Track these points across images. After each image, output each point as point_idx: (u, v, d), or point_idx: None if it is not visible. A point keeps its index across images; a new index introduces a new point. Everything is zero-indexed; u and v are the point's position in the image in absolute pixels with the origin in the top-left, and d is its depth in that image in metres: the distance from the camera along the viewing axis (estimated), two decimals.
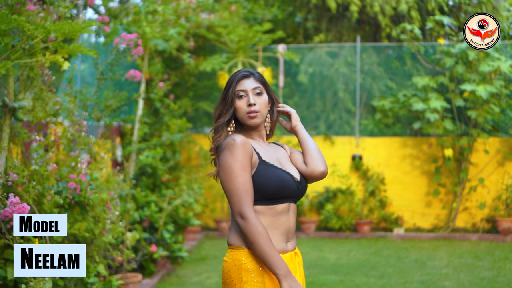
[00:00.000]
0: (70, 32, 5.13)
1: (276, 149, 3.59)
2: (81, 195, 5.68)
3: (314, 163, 3.56)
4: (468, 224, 12.82)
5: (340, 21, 15.51)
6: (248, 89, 3.45)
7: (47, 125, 6.51)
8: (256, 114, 3.44)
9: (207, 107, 13.28)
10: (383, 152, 13.25)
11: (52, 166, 5.60)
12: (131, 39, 7.28)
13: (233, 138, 3.31)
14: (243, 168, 3.27)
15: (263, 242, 3.20)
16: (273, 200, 3.34)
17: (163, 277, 8.82)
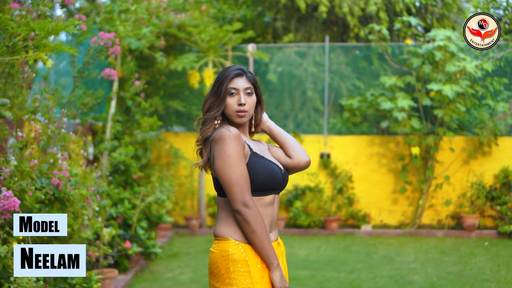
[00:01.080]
0: (53, 30, 5.22)
1: (259, 144, 3.71)
2: (62, 191, 5.77)
3: (298, 154, 3.72)
4: (434, 220, 13.08)
5: (308, 21, 15.69)
6: (240, 88, 3.56)
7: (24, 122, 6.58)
8: (244, 114, 3.55)
9: (177, 105, 13.36)
10: (351, 150, 13.46)
11: (33, 162, 5.69)
12: (109, 38, 7.37)
13: (229, 130, 3.41)
14: (241, 158, 3.39)
15: (263, 233, 3.36)
16: (263, 191, 3.47)
17: (137, 273, 8.92)
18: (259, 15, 16.38)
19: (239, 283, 3.38)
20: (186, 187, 13.23)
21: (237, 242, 3.42)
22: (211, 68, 12.55)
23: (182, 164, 13.29)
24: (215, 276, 3.47)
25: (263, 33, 16.36)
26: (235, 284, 3.38)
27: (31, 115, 6.20)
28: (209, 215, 13.24)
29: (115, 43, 7.52)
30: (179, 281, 8.64)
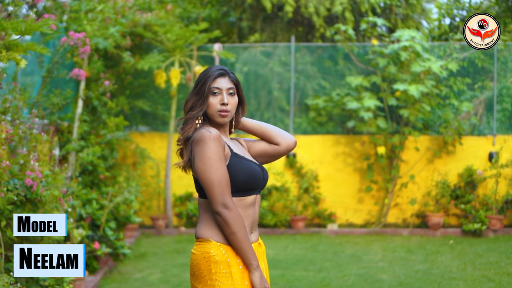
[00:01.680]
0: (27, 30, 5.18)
1: (238, 144, 3.71)
2: (34, 192, 5.72)
3: (284, 139, 3.76)
4: (399, 219, 13.20)
5: (274, 21, 15.73)
6: (223, 88, 3.56)
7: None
8: (227, 114, 3.55)
9: (143, 105, 13.30)
10: (316, 150, 13.51)
11: (5, 163, 5.63)
12: (79, 38, 7.33)
13: (209, 131, 3.42)
14: (221, 160, 3.40)
15: (243, 234, 3.38)
16: (244, 191, 3.48)
17: (105, 274, 8.87)
18: (224, 15, 16.38)
19: (221, 284, 3.39)
20: (153, 187, 13.19)
21: (219, 243, 3.43)
22: (177, 67, 12.53)
23: (148, 164, 13.24)
24: (197, 278, 3.47)
25: (228, 32, 16.37)
26: (217, 285, 3.39)
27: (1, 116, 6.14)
28: (175, 215, 13.21)
29: (85, 43, 7.48)
30: (148, 282, 8.61)
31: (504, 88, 13.37)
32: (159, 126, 14.01)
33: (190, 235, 12.31)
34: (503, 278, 8.53)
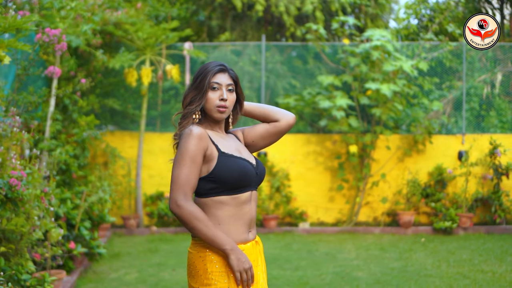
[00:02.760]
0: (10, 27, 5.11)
1: (233, 139, 3.67)
2: (15, 191, 5.64)
3: (282, 115, 3.74)
4: (370, 218, 13.28)
5: (244, 20, 15.74)
6: (223, 84, 3.54)
7: None
8: (225, 110, 3.53)
9: (113, 104, 13.20)
10: (287, 149, 13.53)
11: None
12: (55, 35, 7.25)
13: (190, 129, 3.41)
14: (192, 159, 3.37)
15: (203, 225, 3.33)
16: (237, 189, 3.44)
17: (81, 274, 8.79)
18: (194, 14, 16.34)
19: (217, 283, 3.36)
20: (123, 186, 13.10)
21: None
22: (148, 66, 12.46)
23: (119, 163, 13.15)
24: (193, 277, 3.45)
25: (198, 31, 16.34)
26: (213, 284, 3.36)
27: None
28: (146, 215, 13.13)
29: (61, 39, 7.40)
30: (125, 281, 8.55)
31: (472, 88, 13.54)
32: (129, 125, 13.92)
33: (162, 235, 12.25)
34: (478, 275, 8.61)
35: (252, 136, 3.72)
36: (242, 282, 3.35)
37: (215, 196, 3.43)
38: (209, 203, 3.44)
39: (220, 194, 3.43)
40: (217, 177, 3.41)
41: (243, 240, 3.48)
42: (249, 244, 3.51)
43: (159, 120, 13.96)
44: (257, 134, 3.72)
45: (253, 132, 3.73)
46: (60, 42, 7.36)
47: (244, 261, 3.35)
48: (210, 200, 3.44)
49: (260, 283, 3.49)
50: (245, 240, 3.49)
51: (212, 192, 3.43)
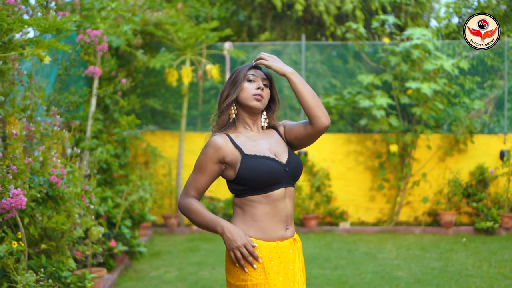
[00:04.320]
0: (51, 27, 5.17)
1: (270, 136, 3.65)
2: (56, 189, 5.72)
3: (317, 121, 3.53)
4: (411, 217, 13.20)
5: (284, 20, 15.74)
6: (259, 77, 3.58)
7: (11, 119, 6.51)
8: (261, 99, 3.55)
9: (154, 103, 13.31)
10: (328, 148, 13.51)
11: (27, 160, 5.63)
12: (96, 35, 7.33)
13: (213, 138, 3.52)
14: (201, 167, 3.55)
15: (196, 215, 3.52)
16: (265, 188, 3.44)
17: (122, 272, 8.87)
18: (234, 14, 16.39)
19: (253, 279, 3.39)
20: (164, 185, 13.20)
21: (251, 238, 3.43)
22: (188, 66, 12.53)
23: (160, 162, 13.25)
24: (230, 273, 3.48)
25: (238, 31, 16.39)
26: (249, 280, 3.39)
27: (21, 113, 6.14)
28: None
29: (102, 40, 7.49)
30: (164, 280, 8.61)
31: None
32: (170, 125, 14.01)
33: (202, 234, 12.30)
34: None
35: (289, 135, 3.68)
36: (238, 261, 3.40)
37: (248, 196, 3.46)
38: (244, 202, 3.48)
39: (251, 194, 3.46)
40: (243, 179, 3.45)
41: (280, 237, 3.48)
42: (287, 241, 3.51)
43: (199, 119, 14.04)
44: (292, 135, 3.67)
45: (290, 132, 3.68)
46: (101, 43, 7.44)
47: (235, 240, 3.39)
48: (244, 200, 3.48)
49: (297, 281, 3.49)
50: (282, 237, 3.49)
51: (244, 193, 3.47)
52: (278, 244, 3.45)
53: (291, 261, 3.50)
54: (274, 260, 3.42)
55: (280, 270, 3.43)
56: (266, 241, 3.44)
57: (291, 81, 3.54)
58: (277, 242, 3.46)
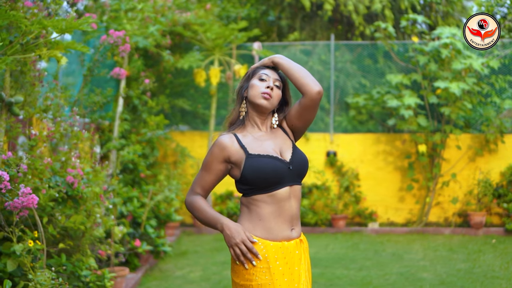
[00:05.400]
0: (67, 28, 5.21)
1: (276, 135, 3.67)
2: (75, 189, 5.77)
3: (307, 89, 3.53)
4: (441, 218, 13.09)
5: (313, 20, 15.71)
6: (271, 77, 3.60)
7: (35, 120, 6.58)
8: (269, 98, 3.56)
9: (183, 104, 13.38)
10: (357, 148, 13.46)
11: (47, 160, 5.69)
12: (119, 36, 7.38)
13: (220, 138, 3.57)
14: (207, 166, 3.60)
15: (199, 213, 3.58)
16: (269, 187, 3.45)
17: (146, 271, 8.92)
18: (263, 14, 16.41)
19: (258, 279, 3.38)
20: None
21: (257, 238, 3.43)
22: (217, 66, 12.56)
23: (189, 162, 13.30)
24: (235, 272, 3.48)
25: (267, 31, 16.39)
26: (254, 280, 3.39)
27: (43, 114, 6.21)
28: None
29: (125, 41, 7.53)
30: (189, 279, 8.64)
31: None
32: (199, 125, 14.07)
33: None
34: None
35: (290, 119, 3.70)
36: (237, 257, 3.41)
37: (253, 195, 3.48)
38: (250, 201, 3.50)
39: (256, 193, 3.47)
40: (246, 179, 3.46)
41: (286, 237, 3.48)
42: (293, 242, 3.50)
43: None
44: (292, 117, 3.68)
45: (290, 116, 3.70)
46: (123, 44, 7.49)
47: (233, 236, 3.41)
48: (250, 199, 3.50)
49: (302, 282, 3.48)
50: (288, 238, 3.49)
51: (250, 192, 3.49)
52: (284, 245, 3.45)
53: (297, 262, 3.49)
54: (279, 260, 3.42)
55: (285, 270, 3.42)
56: (272, 241, 3.44)
57: (279, 64, 3.62)
58: (283, 243, 3.45)
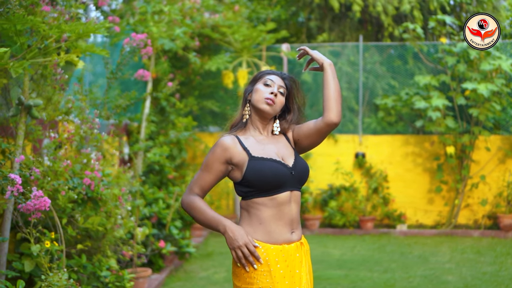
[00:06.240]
0: (84, 33, 5.28)
1: (278, 141, 3.69)
2: (94, 191, 5.84)
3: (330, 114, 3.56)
4: (470, 220, 12.98)
5: (342, 21, 15.68)
6: (276, 83, 3.62)
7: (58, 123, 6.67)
8: (272, 104, 3.57)
9: (212, 105, 13.43)
10: (386, 149, 13.41)
11: (66, 162, 5.76)
12: (141, 39, 7.44)
13: (222, 138, 3.56)
14: (208, 166, 3.56)
15: (198, 213, 3.54)
16: (271, 190, 3.46)
17: (171, 272, 8.98)
18: (293, 15, 16.42)
19: (259, 282, 3.40)
20: (221, 187, 13.29)
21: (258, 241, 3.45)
22: (245, 68, 12.60)
23: None
24: (237, 275, 3.50)
25: (297, 32, 16.38)
26: (256, 283, 3.40)
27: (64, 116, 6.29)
28: None
29: (147, 44, 7.59)
30: (213, 280, 8.68)
31: None
32: None
33: None
34: None
35: (299, 133, 3.70)
36: (239, 260, 3.41)
37: (253, 198, 3.48)
38: (250, 204, 3.50)
39: (256, 196, 3.47)
40: (249, 181, 3.46)
41: (287, 240, 3.49)
42: (293, 245, 3.51)
43: None
44: (301, 133, 3.69)
45: (299, 131, 3.70)
46: (146, 47, 7.55)
47: (236, 239, 3.41)
48: (250, 202, 3.50)
49: (303, 285, 3.48)
50: (288, 241, 3.49)
51: (250, 195, 3.49)
52: (284, 248, 3.46)
53: (297, 265, 3.50)
54: (280, 263, 3.43)
55: (286, 273, 3.43)
56: (273, 245, 3.45)
57: (326, 71, 3.66)
58: (283, 246, 3.46)
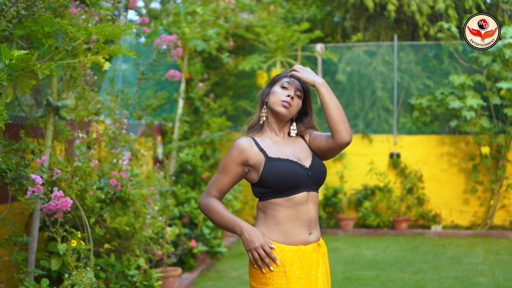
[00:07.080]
0: (111, 34, 5.34)
1: (295, 142, 3.70)
2: (122, 191, 5.90)
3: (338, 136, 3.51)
4: (506, 221, 12.84)
5: (377, 20, 15.63)
6: (293, 85, 3.63)
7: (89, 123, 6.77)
8: (288, 106, 3.58)
9: (246, 105, 13.48)
10: (420, 150, 13.32)
11: (94, 162, 5.84)
12: (171, 40, 7.50)
13: (238, 140, 3.57)
14: (224, 168, 3.59)
15: (215, 215, 3.57)
16: (288, 191, 3.47)
17: (202, 272, 9.04)
18: (328, 15, 16.40)
19: (274, 283, 3.41)
20: None
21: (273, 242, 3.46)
22: (279, 68, 12.61)
23: None
24: (252, 276, 3.52)
25: (332, 32, 16.37)
26: (271, 284, 3.42)
27: (94, 117, 6.37)
28: None
29: (176, 45, 7.65)
30: (243, 280, 8.71)
31: None
32: None
33: None
34: None
35: (312, 145, 3.71)
36: (255, 261, 3.43)
37: (270, 199, 3.49)
38: (267, 205, 3.52)
39: (273, 197, 3.48)
40: (265, 182, 3.48)
41: (303, 241, 3.49)
42: (310, 246, 3.51)
43: None
44: (315, 144, 3.69)
45: (314, 141, 3.70)
46: (175, 48, 7.61)
47: (253, 241, 3.42)
48: (267, 203, 3.51)
49: (319, 286, 3.48)
50: (305, 242, 3.50)
51: (267, 196, 3.50)
52: (300, 249, 3.47)
53: (314, 266, 3.50)
54: (296, 264, 3.43)
55: (302, 274, 3.44)
56: (288, 245, 3.46)
57: (320, 92, 3.54)
58: (299, 247, 3.47)
